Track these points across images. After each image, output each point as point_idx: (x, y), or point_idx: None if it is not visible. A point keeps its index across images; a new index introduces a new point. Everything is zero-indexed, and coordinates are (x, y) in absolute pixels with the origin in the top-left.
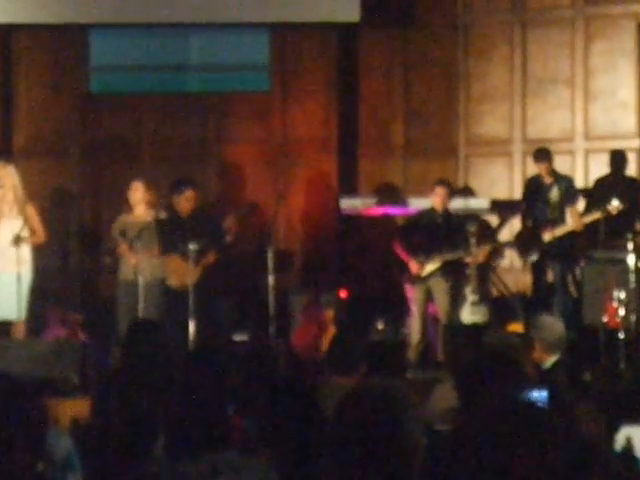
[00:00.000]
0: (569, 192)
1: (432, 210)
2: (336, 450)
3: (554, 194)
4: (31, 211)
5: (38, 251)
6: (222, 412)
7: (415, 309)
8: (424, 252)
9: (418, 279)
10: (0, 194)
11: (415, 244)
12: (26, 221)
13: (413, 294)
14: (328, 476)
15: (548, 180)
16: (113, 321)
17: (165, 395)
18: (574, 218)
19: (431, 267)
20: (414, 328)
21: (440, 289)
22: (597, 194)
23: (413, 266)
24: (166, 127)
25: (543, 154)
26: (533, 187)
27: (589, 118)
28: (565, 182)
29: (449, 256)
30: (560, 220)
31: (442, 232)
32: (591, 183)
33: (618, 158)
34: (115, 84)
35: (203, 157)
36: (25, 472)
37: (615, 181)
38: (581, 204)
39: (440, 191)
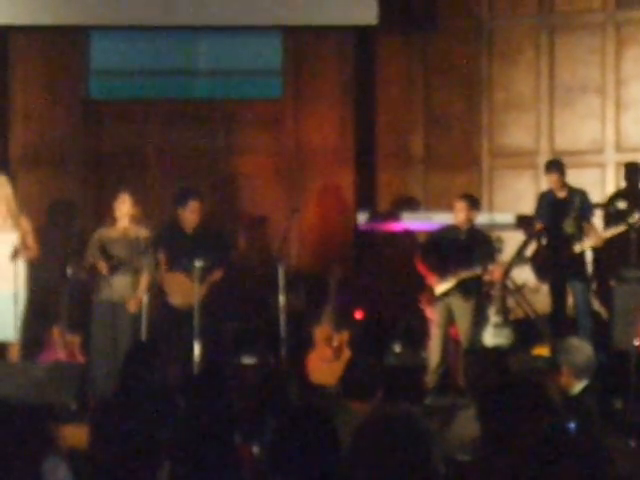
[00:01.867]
0: (584, 206)
1: (454, 226)
2: (352, 477)
3: (570, 209)
4: (25, 224)
5: (34, 267)
6: (229, 439)
7: (435, 331)
8: (444, 269)
9: (438, 299)
10: None
11: (436, 261)
12: (20, 235)
13: (433, 315)
14: None
15: (561, 194)
16: (112, 343)
17: (168, 421)
18: (592, 234)
19: (446, 286)
20: (433, 351)
21: (461, 309)
22: (615, 207)
23: (432, 281)
24: (172, 136)
25: (554, 165)
26: (545, 203)
27: (620, 129)
28: (579, 196)
29: (466, 274)
30: (579, 235)
31: (464, 249)
32: None
33: (633, 170)
34: (117, 90)
35: (211, 168)
36: None
37: (633, 194)
38: (598, 218)
39: (461, 206)
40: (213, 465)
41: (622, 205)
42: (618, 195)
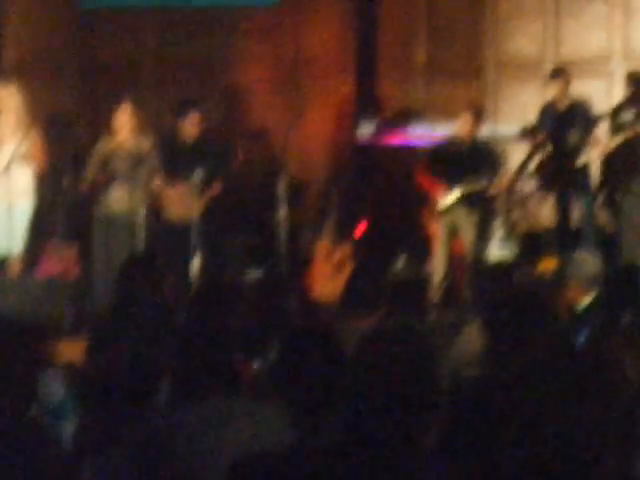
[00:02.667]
0: (588, 117)
1: (458, 138)
2: (354, 394)
3: (573, 119)
4: (36, 135)
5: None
6: (230, 356)
7: (438, 245)
8: (447, 182)
9: (441, 212)
10: (1, 118)
11: (439, 174)
12: (28, 147)
13: (437, 228)
14: (346, 421)
15: (564, 104)
16: (107, 255)
17: (166, 337)
18: (596, 143)
19: (450, 199)
20: (437, 266)
21: (465, 223)
22: (620, 118)
23: (437, 194)
24: (168, 46)
25: (559, 72)
26: (550, 113)
27: (629, 37)
28: (583, 106)
29: (471, 187)
30: (582, 147)
31: (468, 161)
32: None
33: (637, 80)
34: None
35: (208, 79)
36: (18, 416)
37: (637, 102)
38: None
39: (466, 117)
40: (213, 383)
41: (627, 115)
42: (623, 105)
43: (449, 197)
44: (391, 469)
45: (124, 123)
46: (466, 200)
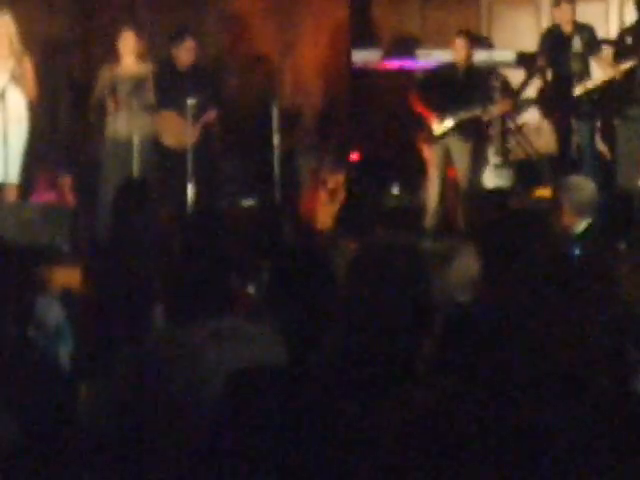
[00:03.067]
0: (592, 41)
1: (452, 64)
2: (347, 311)
3: (576, 45)
4: (27, 64)
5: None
6: (224, 278)
7: (433, 172)
8: (442, 109)
9: (436, 139)
10: None
11: (434, 100)
12: (22, 74)
13: (431, 155)
14: (339, 339)
15: (568, 29)
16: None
17: (161, 261)
18: (604, 67)
19: (446, 125)
20: (431, 193)
21: (460, 150)
22: (624, 43)
23: (432, 119)
24: None
25: None
26: (552, 38)
27: None
28: (587, 31)
29: (466, 114)
30: (585, 73)
31: (462, 88)
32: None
33: None
34: None
35: (202, 5)
36: (15, 337)
37: None
38: (607, 55)
39: (460, 43)
40: (208, 305)
41: (630, 41)
42: (628, 30)
43: (444, 124)
44: (383, 386)
45: (128, 49)
46: (461, 126)
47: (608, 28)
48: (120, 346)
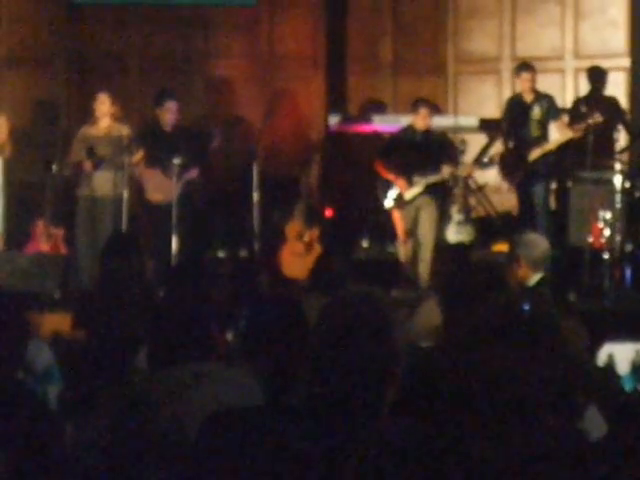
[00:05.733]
0: (551, 109)
1: (412, 129)
2: (318, 358)
3: (536, 112)
4: (2, 123)
5: (19, 164)
6: (205, 324)
7: (403, 236)
8: (406, 172)
9: (406, 203)
10: None
11: (397, 163)
12: None
13: (400, 219)
14: (309, 386)
15: (529, 98)
16: (94, 236)
17: (146, 307)
18: (561, 129)
19: (415, 191)
20: (402, 252)
21: (428, 209)
22: (579, 110)
23: (401, 185)
24: (152, 39)
25: (526, 65)
26: (514, 106)
27: (579, 36)
28: (546, 100)
29: (432, 178)
30: (543, 139)
31: (422, 151)
32: None
33: (595, 75)
34: None
35: (189, 71)
36: (6, 379)
37: (596, 98)
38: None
39: (423, 111)
40: (189, 350)
41: (584, 109)
42: (581, 99)
43: (415, 189)
44: (350, 427)
45: (103, 111)
46: (429, 189)
47: (564, 97)
48: (106, 387)
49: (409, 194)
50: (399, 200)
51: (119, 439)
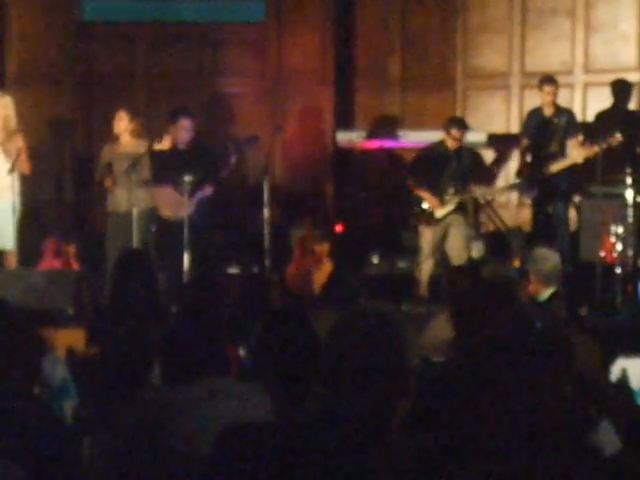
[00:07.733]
0: (570, 124)
1: (443, 145)
2: (330, 374)
3: (556, 127)
4: (19, 141)
5: (30, 182)
6: (218, 340)
7: (429, 250)
8: (437, 189)
9: (437, 221)
10: None
11: (427, 179)
12: (8, 149)
13: (430, 236)
14: (322, 401)
15: (549, 112)
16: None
17: (160, 324)
18: (577, 150)
19: (447, 209)
20: (425, 268)
21: (458, 226)
22: (598, 127)
23: (433, 204)
24: (161, 57)
25: (549, 78)
26: (533, 121)
27: (589, 50)
28: (566, 115)
29: (464, 197)
30: (561, 154)
31: (454, 168)
32: (589, 117)
33: (619, 88)
34: (108, 12)
35: (198, 89)
36: (22, 395)
37: (616, 114)
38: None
39: (454, 133)
40: (202, 366)
41: (605, 124)
42: (603, 114)
43: (447, 207)
44: (362, 443)
45: (122, 128)
46: (459, 207)
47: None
48: (120, 403)
49: (440, 212)
50: (430, 217)
51: (133, 455)
